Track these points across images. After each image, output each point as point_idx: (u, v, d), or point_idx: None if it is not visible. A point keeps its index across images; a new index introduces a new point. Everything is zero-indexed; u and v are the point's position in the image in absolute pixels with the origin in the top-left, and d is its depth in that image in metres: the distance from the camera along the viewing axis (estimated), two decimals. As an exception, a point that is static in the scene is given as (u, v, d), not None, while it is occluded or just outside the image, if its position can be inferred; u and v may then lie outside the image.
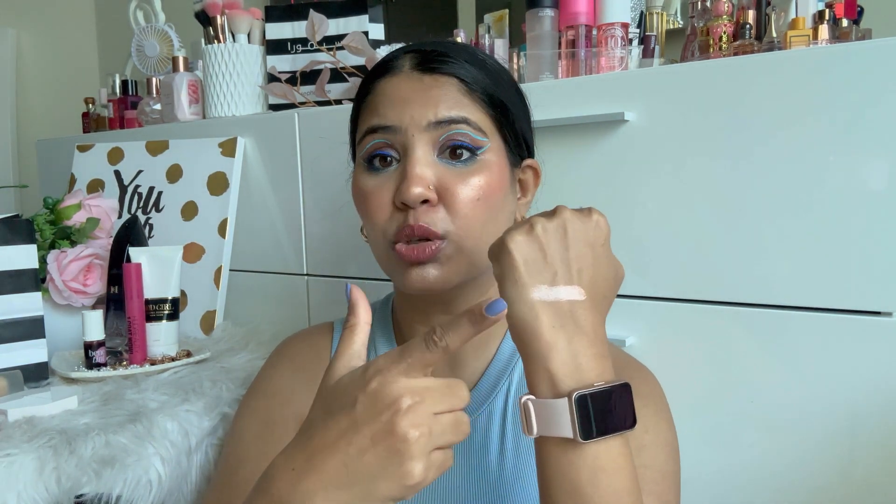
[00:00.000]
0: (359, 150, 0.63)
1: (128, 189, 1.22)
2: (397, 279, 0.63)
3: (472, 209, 0.59)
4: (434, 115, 0.59)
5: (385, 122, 0.60)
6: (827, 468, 0.68)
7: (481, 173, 0.60)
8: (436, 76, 0.60)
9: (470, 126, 0.59)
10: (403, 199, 0.58)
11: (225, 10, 1.17)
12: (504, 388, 0.66)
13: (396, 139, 0.60)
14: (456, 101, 0.60)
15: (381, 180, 0.61)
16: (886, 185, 0.63)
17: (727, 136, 0.70)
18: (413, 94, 0.59)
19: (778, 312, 0.69)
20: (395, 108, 0.60)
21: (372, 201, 0.61)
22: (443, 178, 0.59)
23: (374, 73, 0.64)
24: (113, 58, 2.38)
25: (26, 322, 0.86)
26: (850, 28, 0.88)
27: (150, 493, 0.70)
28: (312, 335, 0.75)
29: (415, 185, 0.57)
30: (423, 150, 0.59)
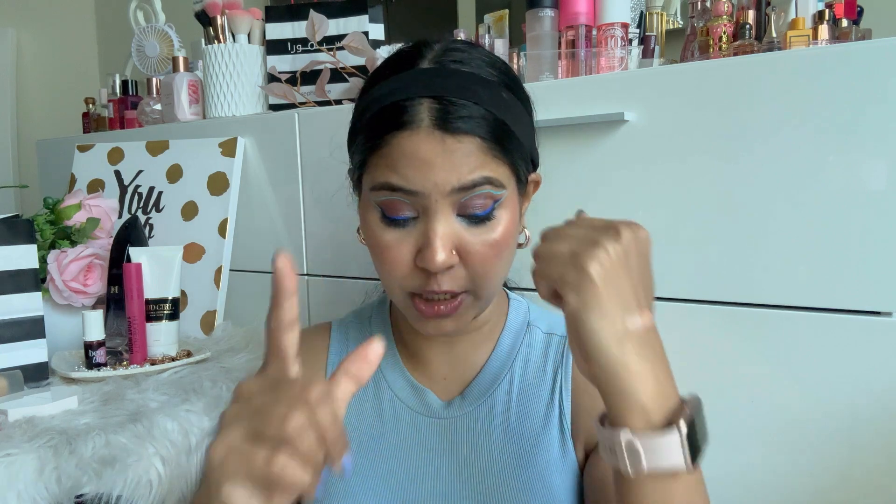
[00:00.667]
0: (372, 193, 0.59)
1: (128, 189, 1.22)
2: (410, 320, 0.63)
3: (490, 266, 0.59)
4: (458, 181, 0.56)
5: (407, 186, 0.56)
6: (827, 468, 0.68)
7: (497, 228, 0.59)
8: (458, 137, 0.56)
9: (492, 185, 0.57)
10: (427, 267, 0.57)
11: (225, 10, 1.17)
12: (506, 381, 0.67)
13: (416, 201, 0.57)
14: (478, 161, 0.56)
15: (400, 235, 0.59)
16: (886, 185, 0.63)
17: (727, 136, 0.70)
18: (435, 158, 0.55)
19: (778, 312, 0.69)
20: (418, 171, 0.56)
21: (389, 256, 0.59)
22: (462, 238, 0.58)
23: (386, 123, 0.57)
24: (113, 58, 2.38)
25: (26, 322, 0.86)
26: (849, 28, 0.88)
27: (150, 493, 0.70)
28: (310, 335, 0.75)
29: (439, 253, 0.56)
30: (445, 213, 0.57)
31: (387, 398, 0.69)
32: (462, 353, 0.69)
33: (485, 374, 0.68)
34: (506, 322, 0.71)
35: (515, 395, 0.67)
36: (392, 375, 0.70)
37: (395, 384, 0.69)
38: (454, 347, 0.69)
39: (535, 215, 0.72)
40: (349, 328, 0.75)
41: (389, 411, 0.68)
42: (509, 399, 0.67)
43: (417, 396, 0.68)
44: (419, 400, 0.68)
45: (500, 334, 0.70)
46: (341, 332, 0.75)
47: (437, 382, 0.69)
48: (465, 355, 0.69)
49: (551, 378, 0.67)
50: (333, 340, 0.74)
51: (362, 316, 0.76)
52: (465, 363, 0.69)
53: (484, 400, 0.67)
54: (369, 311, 0.76)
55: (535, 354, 0.69)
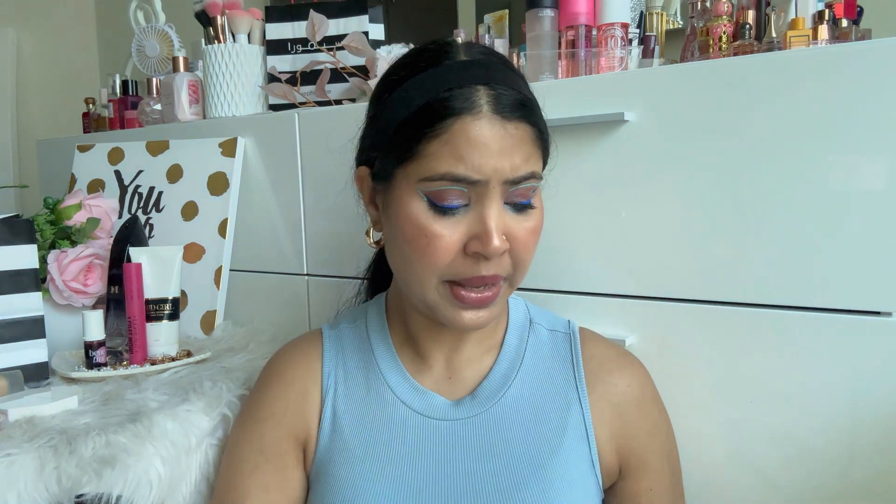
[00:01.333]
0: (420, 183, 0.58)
1: (128, 189, 1.22)
2: (441, 314, 0.62)
3: (528, 252, 0.62)
4: (512, 172, 0.58)
5: (472, 175, 0.57)
6: (827, 468, 0.68)
7: (535, 215, 0.62)
8: (517, 124, 0.58)
9: (536, 179, 0.60)
10: (484, 253, 0.58)
11: (225, 10, 1.17)
12: (517, 380, 0.67)
13: (474, 189, 0.58)
14: (529, 153, 0.59)
15: (450, 224, 0.59)
16: (886, 185, 0.63)
17: (727, 136, 0.70)
18: (497, 145, 0.57)
19: (778, 312, 0.69)
20: (482, 158, 0.56)
21: (438, 244, 0.58)
22: (509, 225, 0.60)
23: (446, 108, 0.57)
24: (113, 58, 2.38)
25: (27, 322, 0.86)
26: (849, 28, 0.88)
27: (150, 493, 0.70)
28: (301, 345, 0.74)
29: (496, 238, 0.58)
30: (498, 202, 0.59)
31: (391, 403, 0.68)
32: (465, 352, 0.68)
33: (495, 374, 0.68)
34: (508, 320, 0.71)
35: (528, 393, 0.67)
36: (395, 380, 0.69)
37: (398, 388, 0.68)
38: (459, 346, 0.68)
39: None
40: (342, 333, 0.73)
41: (395, 416, 0.67)
42: (521, 398, 0.66)
43: (423, 400, 0.67)
44: (426, 403, 0.67)
45: (504, 333, 0.70)
46: (334, 339, 0.73)
47: (442, 383, 0.68)
48: (468, 354, 0.69)
49: (563, 376, 0.68)
50: (326, 349, 0.72)
51: (354, 319, 0.74)
52: (469, 362, 0.69)
53: (496, 400, 0.66)
54: (362, 315, 0.74)
55: (543, 351, 0.69)
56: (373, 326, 0.72)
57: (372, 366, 0.70)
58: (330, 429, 0.68)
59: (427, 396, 0.67)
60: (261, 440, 0.69)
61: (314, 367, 0.71)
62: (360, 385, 0.69)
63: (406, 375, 0.69)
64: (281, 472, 0.68)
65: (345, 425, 0.67)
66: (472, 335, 0.68)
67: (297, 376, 0.71)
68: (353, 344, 0.72)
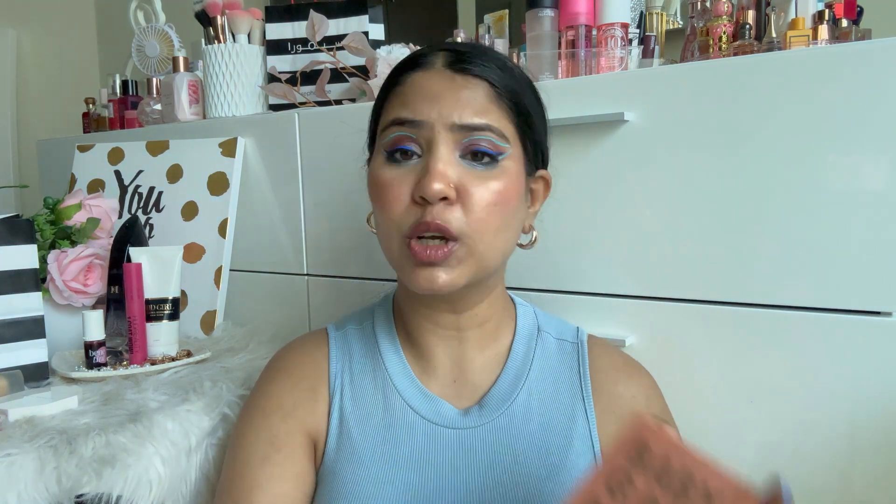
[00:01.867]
0: (380, 138, 0.63)
1: (128, 189, 1.22)
2: (404, 276, 0.62)
3: (487, 213, 0.59)
4: (460, 118, 0.59)
5: (413, 116, 0.60)
6: (827, 468, 0.68)
7: (500, 178, 0.60)
8: (467, 77, 0.60)
9: (493, 133, 0.60)
10: (423, 194, 0.58)
11: (225, 10, 1.17)
12: (524, 390, 0.66)
13: (421, 134, 0.60)
14: (483, 106, 0.60)
15: (401, 173, 0.60)
16: (886, 185, 0.63)
17: (726, 137, 0.70)
18: (443, 92, 0.60)
19: (778, 312, 0.69)
20: (425, 102, 0.60)
21: (389, 193, 0.61)
22: (463, 178, 0.59)
23: (404, 66, 0.64)
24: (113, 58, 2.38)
25: (27, 322, 0.86)
26: (849, 28, 0.88)
27: (150, 493, 0.70)
28: (307, 345, 0.73)
29: (436, 181, 0.57)
30: (447, 148, 0.59)
31: (398, 407, 0.66)
32: (470, 356, 0.67)
33: (502, 383, 0.66)
34: (516, 328, 0.70)
35: (536, 403, 0.66)
36: (402, 383, 0.67)
37: (406, 392, 0.67)
38: (461, 347, 0.67)
39: (535, 215, 0.72)
40: (349, 334, 0.72)
41: (402, 421, 0.66)
42: (529, 408, 0.65)
43: (431, 406, 0.66)
44: (434, 410, 0.66)
45: (511, 340, 0.69)
46: (340, 338, 0.72)
47: (448, 387, 0.67)
48: (474, 359, 0.67)
49: (570, 387, 0.67)
50: (333, 349, 0.71)
51: (362, 320, 0.73)
52: (475, 367, 0.67)
53: (504, 409, 0.65)
54: (369, 316, 0.73)
55: (550, 362, 0.68)
56: (380, 328, 0.71)
57: (380, 369, 0.69)
58: (337, 430, 0.67)
59: (436, 403, 0.66)
60: (269, 431, 0.67)
61: (321, 367, 0.70)
62: (367, 388, 0.68)
63: (414, 380, 0.67)
64: (292, 463, 0.66)
65: (352, 428, 0.66)
66: (472, 335, 0.67)
67: (304, 375, 0.70)
68: (359, 346, 0.71)
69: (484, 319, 0.67)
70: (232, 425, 0.80)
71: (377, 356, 0.70)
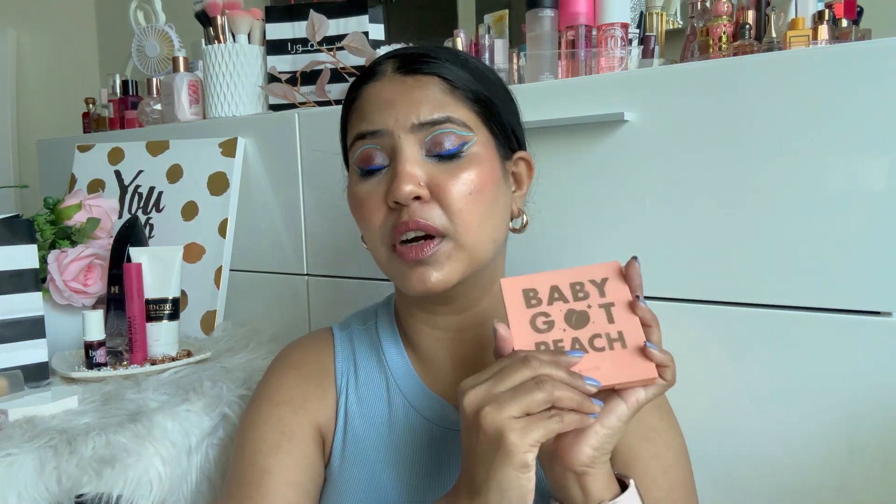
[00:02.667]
0: (350, 156, 0.63)
1: (128, 189, 1.22)
2: (399, 282, 0.62)
3: (466, 204, 0.59)
4: (417, 117, 0.59)
5: (372, 127, 0.60)
6: (827, 468, 0.68)
7: (470, 167, 0.60)
8: (418, 77, 0.61)
9: (454, 124, 0.60)
10: (395, 198, 0.58)
11: (225, 10, 1.17)
12: None
13: (384, 142, 0.60)
14: (438, 101, 0.60)
15: (373, 184, 0.61)
16: (886, 185, 0.63)
17: (727, 136, 0.70)
18: (397, 97, 0.60)
19: (778, 312, 0.69)
20: (381, 111, 0.60)
21: (366, 206, 0.61)
22: (433, 175, 0.59)
23: (359, 80, 0.65)
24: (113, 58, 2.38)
25: (27, 322, 0.86)
26: (849, 28, 0.88)
27: (150, 493, 0.70)
28: (314, 344, 0.73)
29: (405, 182, 0.58)
30: (411, 149, 0.59)
31: (402, 408, 0.66)
32: (471, 355, 0.67)
33: None
34: None
35: None
36: (406, 384, 0.67)
37: (409, 393, 0.67)
38: (462, 347, 0.66)
39: (535, 215, 0.72)
40: (353, 335, 0.72)
41: (405, 422, 0.66)
42: None
43: (433, 406, 0.66)
44: (435, 410, 0.66)
45: None
46: (345, 339, 0.72)
47: (451, 388, 0.66)
48: (476, 358, 0.67)
49: None
50: (338, 348, 0.71)
51: (365, 321, 0.73)
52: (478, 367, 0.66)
53: None
54: (372, 316, 0.73)
55: None
56: (383, 329, 0.71)
57: (383, 370, 0.69)
58: (343, 429, 0.67)
59: (438, 404, 0.66)
60: (280, 421, 0.66)
61: (328, 366, 0.70)
62: (371, 389, 0.68)
63: (418, 381, 0.67)
64: (303, 454, 0.65)
65: (357, 428, 0.66)
66: (473, 335, 0.67)
67: (312, 371, 0.70)
68: (364, 347, 0.71)
69: (483, 318, 0.66)
70: (232, 425, 0.80)
71: (381, 357, 0.69)
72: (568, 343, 0.53)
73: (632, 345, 0.52)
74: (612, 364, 0.52)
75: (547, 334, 0.54)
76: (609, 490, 0.54)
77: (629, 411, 0.52)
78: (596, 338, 0.53)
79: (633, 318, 0.54)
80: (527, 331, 0.54)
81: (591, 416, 0.49)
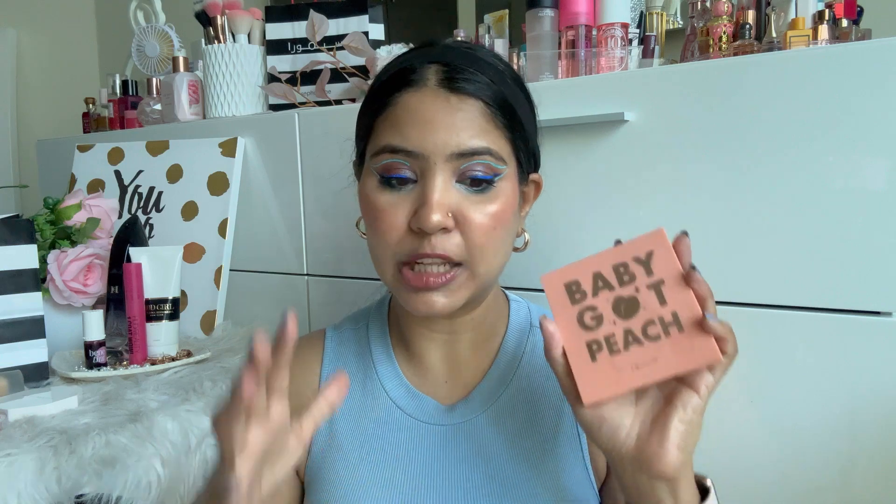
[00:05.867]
0: (372, 161, 0.61)
1: (128, 189, 1.22)
2: (400, 299, 0.62)
3: (486, 237, 0.59)
4: (457, 146, 0.57)
5: (408, 147, 0.57)
6: (827, 468, 0.68)
7: (496, 201, 0.59)
8: (462, 97, 0.58)
9: (492, 156, 0.58)
10: (422, 227, 0.57)
11: (225, 10, 1.17)
12: (512, 385, 0.66)
13: (416, 163, 0.58)
14: (480, 128, 0.58)
15: (397, 199, 0.59)
16: (886, 185, 0.63)
17: (727, 136, 0.70)
18: (438, 116, 0.57)
19: (778, 312, 0.69)
20: (419, 130, 0.57)
21: (385, 220, 0.59)
22: (460, 205, 0.58)
23: (396, 83, 0.60)
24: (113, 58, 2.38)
25: (27, 322, 0.86)
26: (849, 28, 0.88)
27: (150, 494, 0.70)
28: (301, 346, 0.73)
29: (435, 212, 0.56)
30: (444, 176, 0.57)
31: (385, 406, 0.67)
32: (463, 356, 0.67)
33: (489, 378, 0.67)
34: (508, 323, 0.70)
35: (523, 398, 0.66)
36: (390, 383, 0.68)
37: (393, 392, 0.67)
38: (454, 348, 0.67)
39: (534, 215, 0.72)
40: (344, 335, 0.73)
41: (388, 419, 0.66)
42: (515, 403, 0.65)
43: (417, 403, 0.67)
44: (419, 407, 0.66)
45: (503, 336, 0.69)
46: (335, 340, 0.73)
47: (439, 387, 0.67)
48: (466, 358, 0.68)
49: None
50: (327, 350, 0.72)
51: (357, 321, 0.74)
52: (467, 366, 0.68)
53: (490, 405, 0.65)
54: (364, 317, 0.74)
55: (541, 356, 0.68)
56: (373, 329, 0.72)
57: (370, 369, 0.69)
58: (326, 431, 0.67)
59: (421, 400, 0.67)
60: None
61: (313, 368, 0.71)
62: (357, 389, 0.69)
63: (403, 380, 0.68)
64: None
65: (341, 428, 0.67)
66: (466, 337, 0.67)
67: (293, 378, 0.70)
68: (353, 346, 0.72)
69: (479, 322, 0.67)
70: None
71: (368, 356, 0.70)
72: (620, 339, 0.50)
73: (688, 325, 0.48)
74: (671, 352, 0.48)
75: (597, 331, 0.50)
76: (695, 495, 0.52)
77: (703, 401, 0.49)
78: (650, 325, 0.49)
79: (686, 292, 0.49)
80: (575, 330, 0.51)
81: None
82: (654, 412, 0.51)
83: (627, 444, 0.50)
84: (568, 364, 0.51)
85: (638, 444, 0.50)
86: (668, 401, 0.50)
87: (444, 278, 0.58)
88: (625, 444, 0.50)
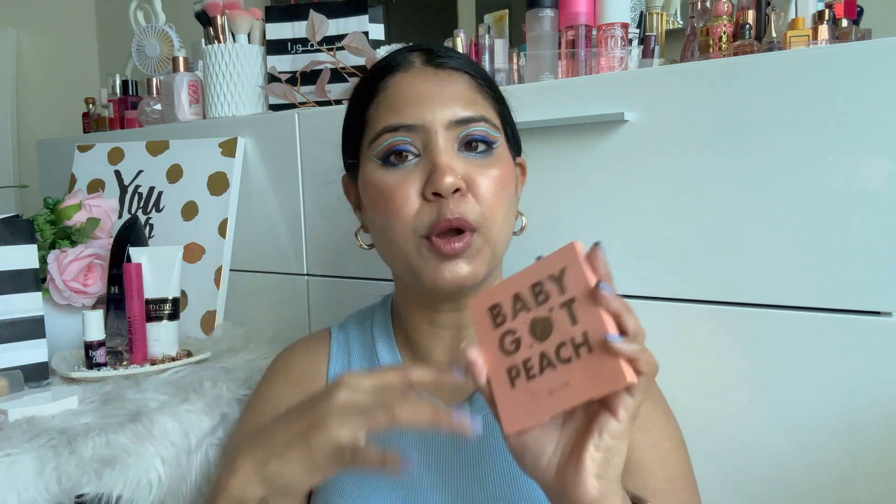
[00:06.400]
0: (370, 149, 0.62)
1: (128, 189, 1.22)
2: (425, 275, 0.61)
3: (496, 199, 0.60)
4: (454, 114, 0.60)
5: (407, 122, 0.60)
6: (827, 468, 0.68)
7: (498, 165, 0.61)
8: (448, 71, 0.62)
9: (487, 123, 0.61)
10: (437, 189, 0.58)
11: (225, 10, 1.17)
12: None
13: (417, 137, 0.60)
14: (471, 98, 0.61)
15: (403, 174, 0.60)
16: (886, 185, 0.63)
17: (727, 137, 0.70)
18: (430, 91, 0.60)
19: (777, 312, 0.69)
20: (415, 105, 0.60)
21: (396, 196, 0.60)
22: (467, 169, 0.60)
23: (380, 72, 0.64)
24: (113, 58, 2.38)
25: (27, 322, 0.86)
26: (849, 28, 0.88)
27: (150, 493, 0.70)
28: (309, 345, 0.74)
29: (447, 174, 0.58)
30: (447, 144, 0.60)
31: None
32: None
33: None
34: None
35: None
36: None
37: None
38: (459, 345, 0.67)
39: (534, 214, 0.72)
40: (350, 335, 0.73)
41: None
42: None
43: None
44: None
45: None
46: (341, 339, 0.73)
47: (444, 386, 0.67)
48: None
49: None
50: (333, 349, 0.72)
51: (362, 321, 0.74)
52: None
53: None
54: (369, 316, 0.74)
55: None
56: (378, 329, 0.72)
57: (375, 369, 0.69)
58: None
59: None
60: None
61: (321, 368, 0.71)
62: None
63: None
64: None
65: None
66: (468, 332, 0.67)
67: (302, 376, 0.71)
68: (358, 346, 0.72)
69: None
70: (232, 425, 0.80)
71: (374, 357, 0.70)
72: (536, 363, 0.46)
73: (596, 345, 0.44)
74: (581, 375, 0.44)
75: (515, 356, 0.47)
76: None
77: (622, 424, 0.46)
78: (562, 347, 0.45)
79: (595, 310, 0.45)
80: (497, 355, 0.48)
81: None
82: (574, 438, 0.47)
83: (549, 473, 0.48)
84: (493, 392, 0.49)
85: (557, 472, 0.47)
86: (587, 426, 0.47)
87: (464, 241, 0.59)
88: (546, 472, 0.48)
